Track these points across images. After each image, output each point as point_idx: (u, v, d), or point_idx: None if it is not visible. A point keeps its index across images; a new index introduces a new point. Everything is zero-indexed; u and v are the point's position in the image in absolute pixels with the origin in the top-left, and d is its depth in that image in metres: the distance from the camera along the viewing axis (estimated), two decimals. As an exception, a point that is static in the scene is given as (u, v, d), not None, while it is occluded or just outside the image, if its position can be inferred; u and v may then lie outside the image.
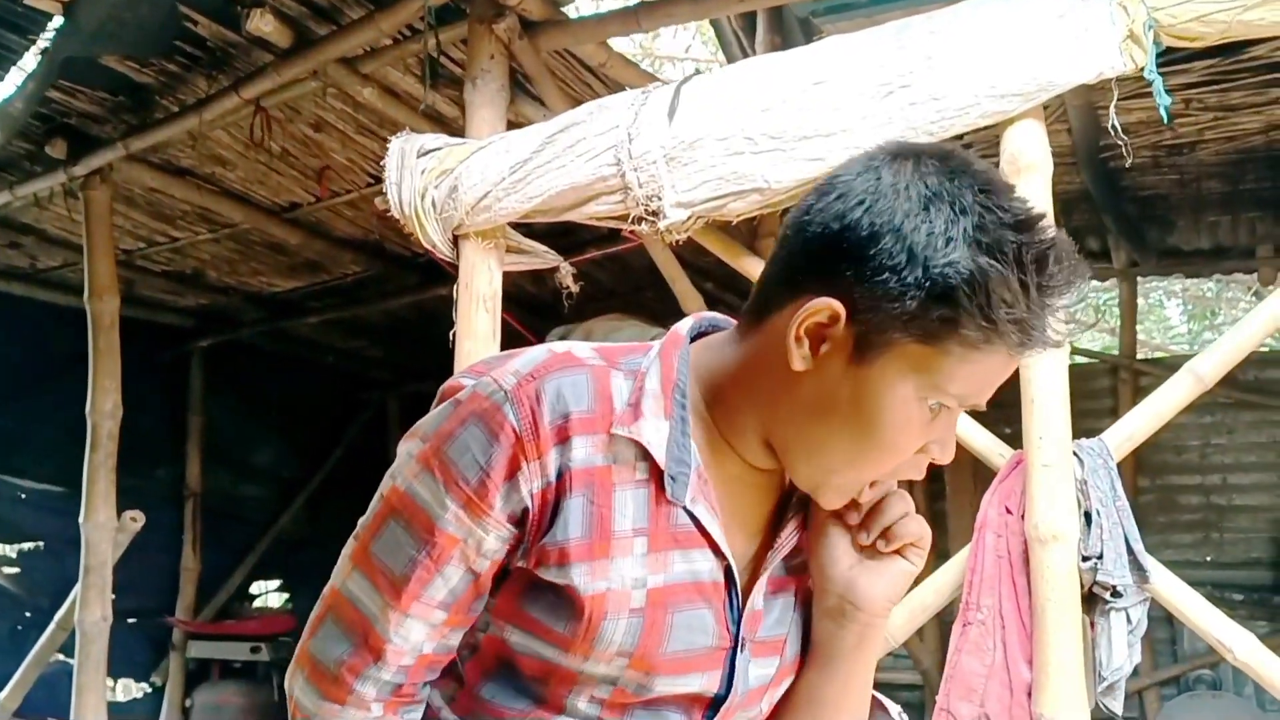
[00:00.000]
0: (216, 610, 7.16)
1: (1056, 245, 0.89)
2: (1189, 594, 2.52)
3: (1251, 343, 2.60)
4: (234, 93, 3.87)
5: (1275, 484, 6.31)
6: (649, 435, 0.97)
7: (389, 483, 1.00)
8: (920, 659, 6.04)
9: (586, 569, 0.95)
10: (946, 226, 0.87)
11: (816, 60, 2.67)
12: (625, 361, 1.02)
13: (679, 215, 2.77)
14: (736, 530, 1.03)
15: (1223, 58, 3.64)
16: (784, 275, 0.97)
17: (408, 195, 3.04)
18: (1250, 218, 5.53)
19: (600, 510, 0.96)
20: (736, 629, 1.03)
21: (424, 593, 0.97)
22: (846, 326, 0.91)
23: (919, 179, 0.90)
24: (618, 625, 0.96)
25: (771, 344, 0.96)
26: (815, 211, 0.94)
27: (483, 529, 0.95)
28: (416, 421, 1.03)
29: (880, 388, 0.91)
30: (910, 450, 0.96)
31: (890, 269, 0.88)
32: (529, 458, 0.94)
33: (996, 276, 0.86)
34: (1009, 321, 0.87)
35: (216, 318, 6.94)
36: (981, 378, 0.92)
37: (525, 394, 0.95)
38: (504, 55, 3.25)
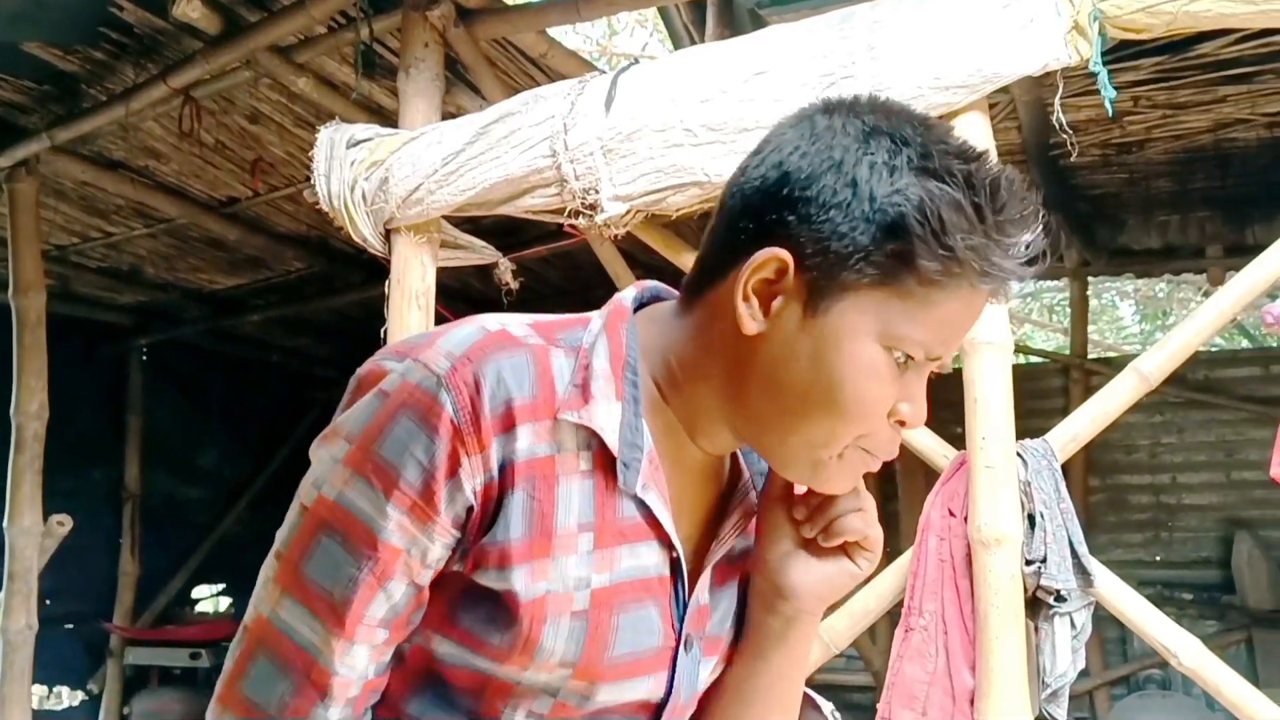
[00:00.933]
0: (156, 615, 6.98)
1: (1006, 174, 0.84)
2: (1135, 598, 2.47)
3: (1196, 341, 2.55)
4: (162, 81, 3.73)
5: (1224, 483, 6.35)
6: (601, 420, 0.88)
7: (313, 492, 0.88)
8: (871, 660, 6.01)
9: (527, 570, 0.86)
10: (889, 157, 0.83)
11: (757, 50, 2.60)
12: (564, 337, 0.92)
13: (617, 208, 2.69)
14: (684, 519, 0.96)
15: (1170, 55, 3.62)
16: (725, 239, 0.90)
17: (337, 187, 2.93)
18: (1199, 217, 5.54)
19: (542, 505, 0.86)
20: (681, 625, 0.95)
21: (367, 613, 0.86)
22: (797, 277, 0.85)
23: (855, 118, 0.86)
24: (559, 631, 0.88)
25: (719, 313, 0.89)
26: (751, 169, 0.89)
27: (428, 536, 0.85)
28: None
29: (841, 338, 0.84)
30: (879, 408, 0.87)
31: (835, 205, 0.83)
32: (470, 451, 0.83)
33: (948, 200, 0.81)
34: (967, 248, 0.81)
35: (156, 315, 6.77)
36: (944, 322, 0.85)
37: (462, 379, 0.84)
38: (439, 43, 3.15)
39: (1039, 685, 2.37)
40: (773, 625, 1.01)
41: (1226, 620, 5.89)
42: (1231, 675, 2.42)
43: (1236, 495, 6.28)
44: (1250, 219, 5.40)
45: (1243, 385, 6.33)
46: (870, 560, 0.98)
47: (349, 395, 0.91)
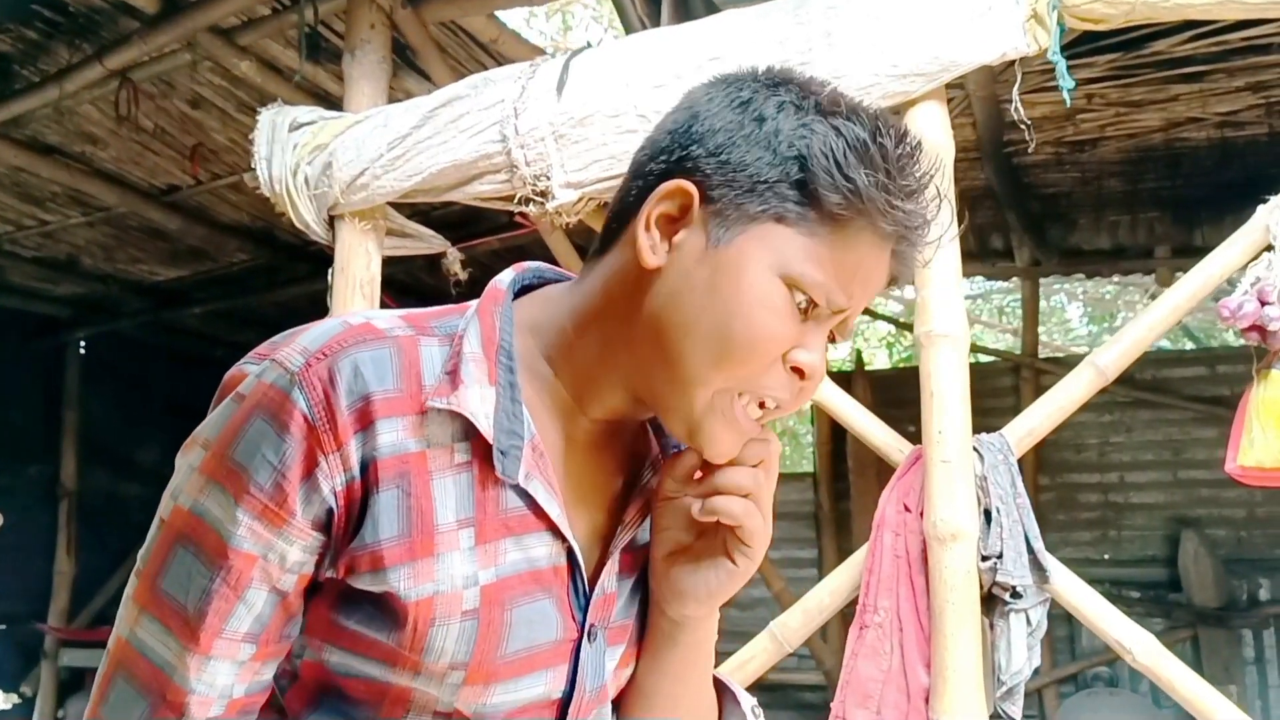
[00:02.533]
0: (93, 616, 6.77)
1: (907, 132, 0.84)
2: (1089, 594, 2.45)
3: (1151, 336, 2.54)
4: (98, 62, 3.61)
5: (1171, 482, 6.41)
6: (472, 405, 0.83)
7: (170, 504, 0.84)
8: (823, 659, 5.99)
9: (407, 571, 0.81)
10: (798, 98, 0.83)
11: (712, 35, 2.55)
12: (439, 325, 0.87)
13: (568, 196, 2.63)
14: (581, 505, 0.91)
15: (1125, 52, 3.62)
16: (632, 187, 0.88)
17: (278, 172, 2.83)
18: (1149, 218, 5.58)
19: (419, 502, 0.82)
20: (584, 616, 0.90)
21: (225, 626, 0.81)
22: (701, 208, 0.83)
23: (764, 73, 0.87)
24: (448, 631, 0.83)
25: (621, 260, 0.87)
26: (663, 122, 0.89)
27: (284, 540, 0.80)
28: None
29: (740, 266, 0.82)
30: (772, 345, 0.83)
31: (742, 137, 0.82)
32: (326, 450, 0.79)
33: (852, 136, 0.80)
34: (871, 185, 0.80)
35: (95, 307, 6.59)
36: (848, 268, 0.83)
37: (315, 375, 0.80)
38: (385, 25, 3.07)
39: (994, 683, 2.34)
40: (662, 627, 0.97)
41: (1173, 618, 5.95)
42: (1184, 671, 2.41)
43: (1183, 494, 6.35)
44: (1199, 220, 5.45)
45: (1189, 385, 6.40)
46: (749, 557, 0.92)
47: (214, 401, 0.87)
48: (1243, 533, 6.21)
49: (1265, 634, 5.86)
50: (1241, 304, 2.36)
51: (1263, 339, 2.38)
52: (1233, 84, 3.91)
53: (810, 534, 6.88)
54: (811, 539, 6.86)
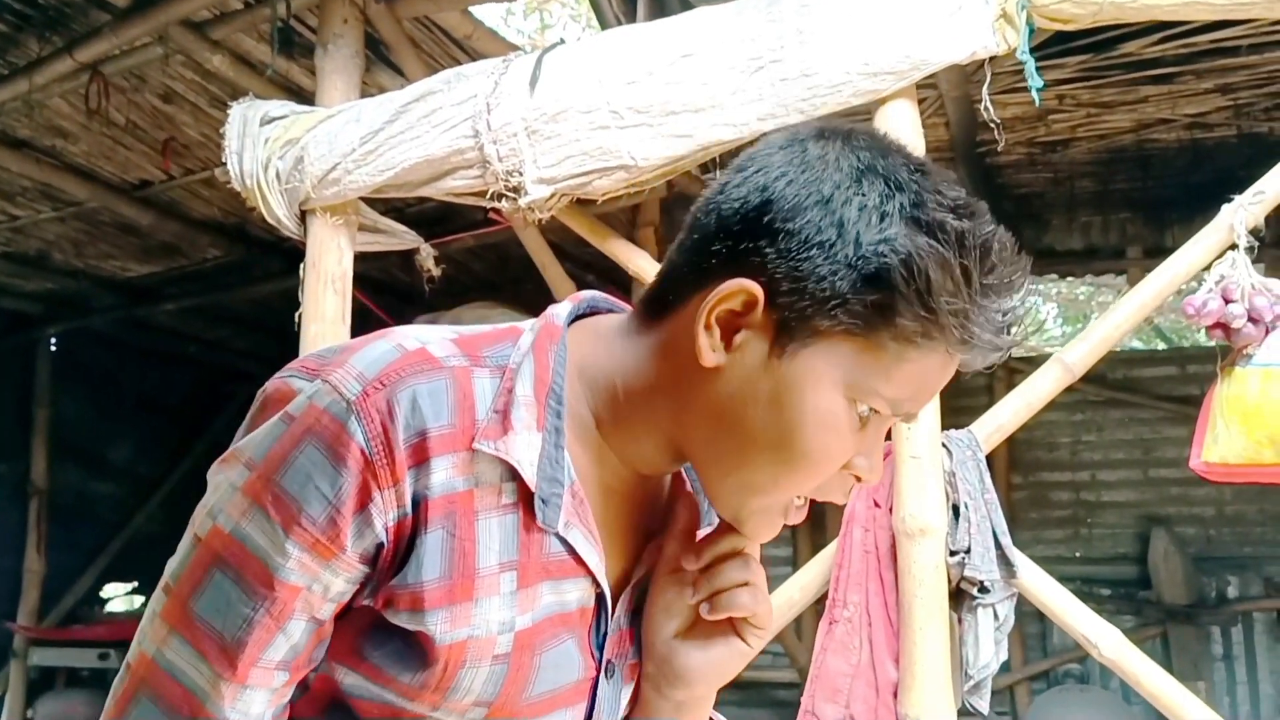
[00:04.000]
0: (63, 615, 6.72)
1: (999, 237, 0.78)
2: (1057, 590, 2.47)
3: (1117, 334, 2.56)
4: (68, 55, 3.58)
5: (1141, 480, 6.47)
6: (519, 453, 0.80)
7: (208, 523, 0.80)
8: (797, 657, 6.00)
9: (446, 615, 0.79)
10: (881, 200, 0.76)
11: (685, 32, 2.55)
12: (491, 355, 0.84)
13: (541, 192, 2.62)
14: (610, 546, 0.89)
15: (1095, 54, 3.65)
16: (693, 260, 0.82)
17: (249, 166, 2.82)
18: (1121, 218, 5.64)
19: (463, 544, 0.79)
20: (601, 654, 0.89)
21: (263, 656, 0.79)
22: (766, 313, 0.78)
23: (850, 152, 0.79)
24: (478, 674, 0.81)
25: (677, 339, 0.83)
26: (731, 188, 0.82)
27: (331, 572, 0.78)
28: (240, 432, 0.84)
29: (804, 384, 0.78)
30: (836, 463, 0.82)
31: (818, 244, 0.76)
32: (382, 485, 0.76)
33: (937, 258, 0.75)
34: (950, 313, 0.75)
35: (65, 303, 6.51)
36: (917, 380, 0.80)
37: (374, 406, 0.76)
38: (359, 20, 3.05)
39: (962, 677, 2.35)
40: (663, 708, 0.95)
41: (1143, 615, 6.00)
42: (1150, 666, 2.43)
43: (1153, 492, 6.41)
44: (1169, 221, 5.50)
45: (1160, 384, 6.46)
46: (760, 637, 0.92)
47: (253, 414, 0.83)
48: (1212, 531, 6.27)
49: (1233, 631, 5.92)
50: (1206, 301, 2.39)
51: (1227, 336, 2.41)
52: (1201, 86, 3.96)
53: (784, 531, 6.89)
54: (786, 537, 6.88)
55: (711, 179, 0.87)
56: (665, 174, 2.63)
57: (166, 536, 7.01)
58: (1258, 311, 2.35)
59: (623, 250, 3.04)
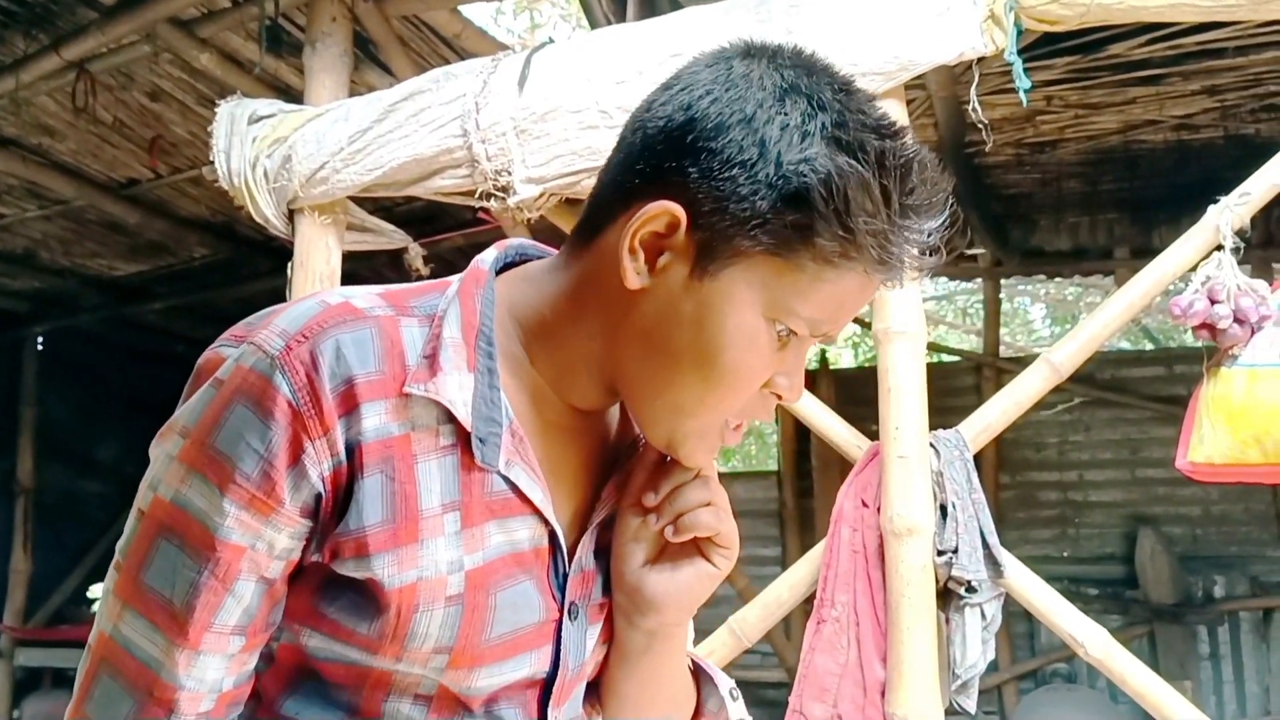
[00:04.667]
0: (50, 615, 6.69)
1: (920, 157, 0.78)
2: (1044, 589, 2.48)
3: (1105, 334, 2.57)
4: (55, 53, 3.56)
5: (1128, 480, 6.49)
6: (450, 393, 0.81)
7: (148, 495, 0.81)
8: (785, 657, 6.01)
9: (392, 558, 0.80)
10: (803, 120, 0.77)
11: (673, 32, 2.55)
12: (418, 304, 0.85)
13: (530, 191, 2.62)
14: (559, 485, 0.90)
15: (1083, 55, 3.66)
16: (618, 182, 0.83)
17: (237, 165, 2.81)
18: (1108, 219, 5.65)
19: (403, 487, 0.80)
20: (563, 595, 0.90)
21: (214, 620, 0.79)
22: (688, 234, 0.79)
23: (774, 70, 0.80)
24: (432, 618, 0.82)
25: (604, 263, 0.84)
26: (658, 106, 0.82)
27: (273, 528, 0.79)
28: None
29: (725, 304, 0.79)
30: (757, 381, 0.83)
31: (740, 163, 0.77)
32: (312, 435, 0.77)
33: (856, 179, 0.75)
34: (868, 233, 0.76)
35: (52, 302, 6.50)
36: (835, 301, 0.81)
37: (297, 359, 0.78)
38: (347, 18, 3.04)
39: (949, 676, 2.36)
40: (636, 639, 0.96)
41: (1130, 615, 6.02)
42: (1137, 665, 2.44)
43: (1140, 492, 6.43)
44: (1156, 222, 5.52)
45: (1147, 385, 6.49)
46: (727, 557, 0.93)
47: (188, 387, 0.84)
48: (1198, 530, 6.30)
49: (1220, 630, 5.95)
50: (1192, 302, 2.40)
51: (1213, 336, 2.42)
52: (1188, 87, 3.97)
53: (774, 532, 6.91)
54: (775, 536, 6.89)
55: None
56: (654, 174, 2.63)
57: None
58: (1243, 312, 2.36)
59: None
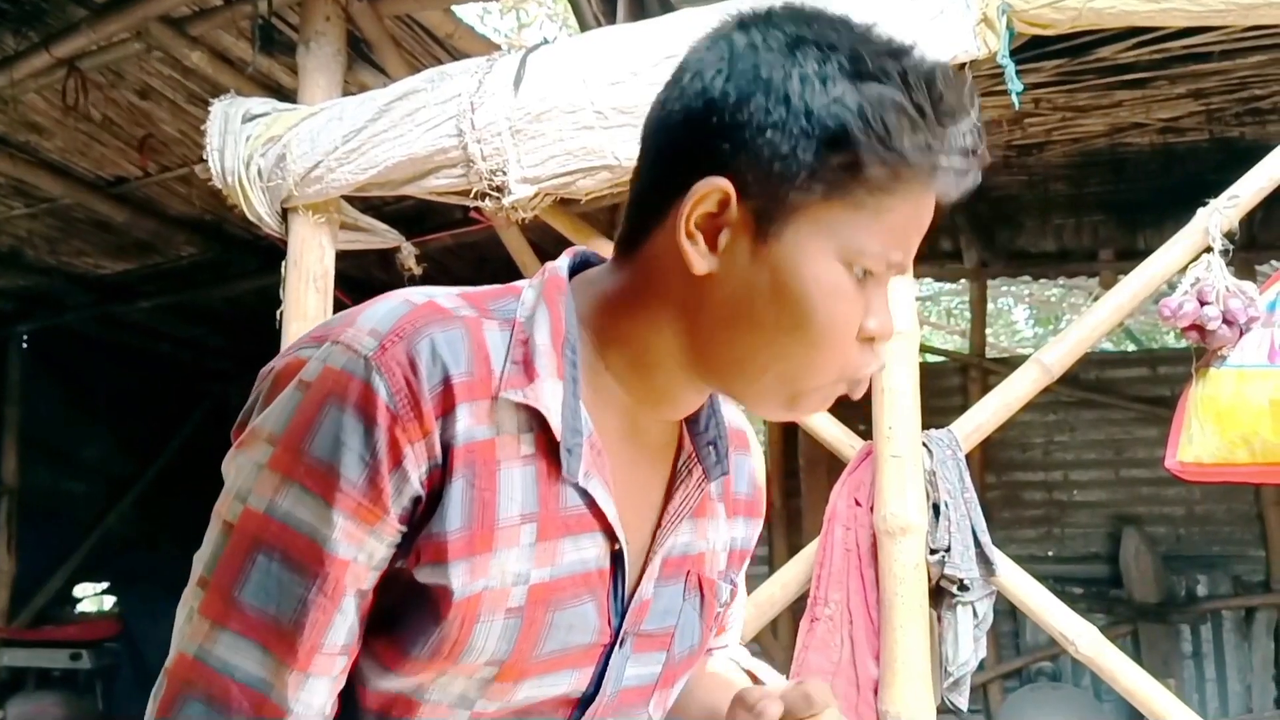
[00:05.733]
0: (34, 615, 6.63)
1: (939, 66, 0.78)
2: (1034, 588, 2.51)
3: (1095, 336, 2.60)
4: (45, 50, 3.54)
5: (1113, 480, 6.54)
6: (547, 400, 0.80)
7: (237, 507, 0.77)
8: (773, 655, 6.03)
9: (466, 567, 0.77)
10: (819, 66, 0.76)
11: (669, 33, 2.56)
12: (496, 308, 0.83)
13: (524, 191, 2.63)
14: (629, 503, 0.87)
15: (1071, 58, 3.69)
16: (655, 181, 0.83)
17: (230, 163, 2.81)
18: (1093, 221, 5.70)
19: (483, 494, 0.78)
20: (620, 621, 0.88)
21: (325, 640, 0.76)
22: (741, 206, 0.78)
23: (774, 29, 0.79)
24: (491, 629, 0.79)
25: (663, 262, 0.82)
26: (672, 100, 0.81)
27: (376, 537, 0.76)
28: (241, 421, 0.81)
29: (798, 262, 0.78)
30: (851, 329, 0.81)
31: (771, 125, 0.76)
32: (413, 439, 0.75)
33: (889, 101, 0.75)
34: (914, 149, 0.76)
35: (38, 301, 6.44)
36: (901, 228, 0.80)
37: (394, 359, 0.75)
38: (341, 18, 3.05)
39: (941, 674, 2.38)
40: None
41: (1114, 614, 6.06)
42: (1125, 663, 2.47)
43: (1125, 492, 6.48)
44: (1141, 224, 5.57)
45: (1132, 385, 6.53)
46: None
47: (264, 393, 0.80)
48: (1181, 530, 6.35)
49: (1202, 629, 6.00)
50: (1181, 304, 2.42)
51: (1202, 338, 2.45)
52: (1174, 91, 4.01)
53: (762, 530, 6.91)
54: (763, 536, 6.88)
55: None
56: (649, 174, 2.64)
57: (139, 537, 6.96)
58: (1232, 314, 2.39)
59: (604, 250, 3.04)
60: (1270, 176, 2.46)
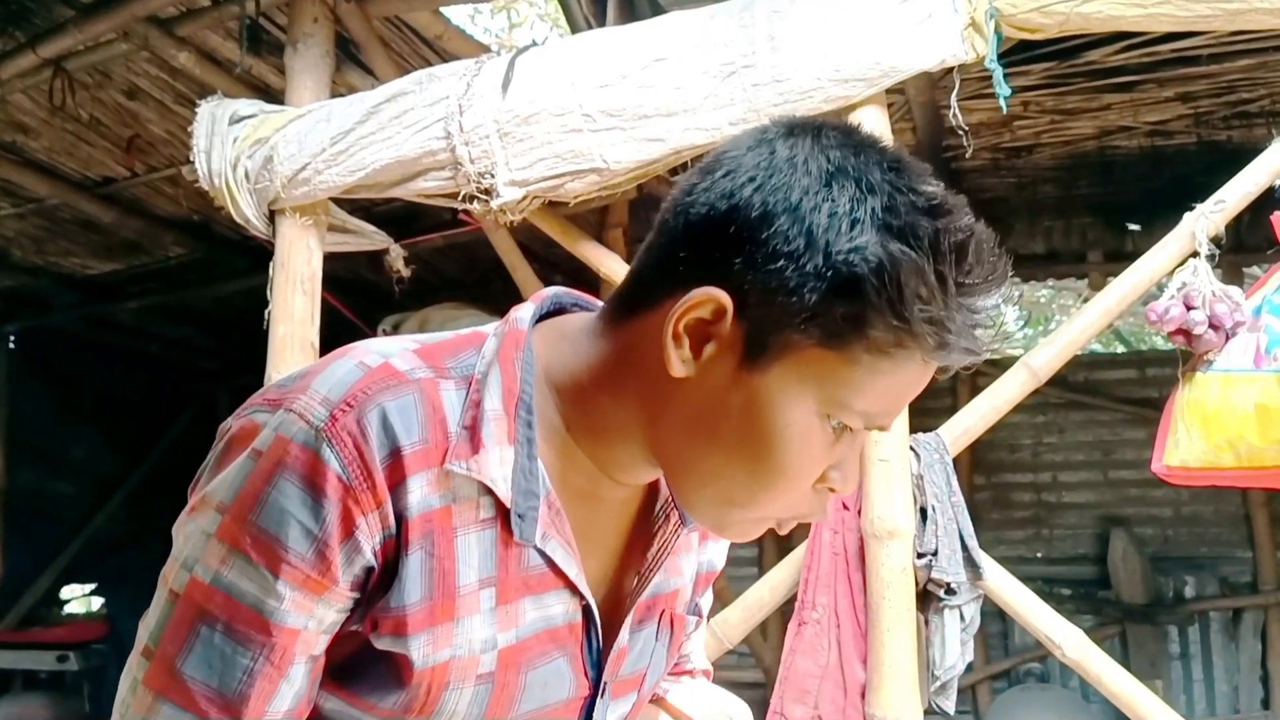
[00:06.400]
0: (21, 616, 6.61)
1: (976, 235, 0.74)
2: (1021, 591, 2.51)
3: (1083, 338, 2.61)
4: (31, 50, 3.52)
5: (1101, 482, 6.55)
6: (492, 470, 0.79)
7: (183, 576, 0.76)
8: (763, 657, 6.03)
9: (428, 638, 0.77)
10: (852, 206, 0.73)
11: (658, 37, 2.57)
12: (455, 365, 0.81)
13: (513, 194, 2.63)
14: (593, 555, 0.87)
15: (1060, 61, 3.70)
16: (661, 264, 0.80)
17: (218, 165, 2.80)
18: (1082, 223, 5.72)
19: (442, 563, 0.77)
20: (598, 673, 0.88)
21: (269, 707, 0.76)
22: (735, 324, 0.75)
23: (819, 153, 0.76)
24: (461, 695, 0.80)
25: (646, 345, 0.80)
26: (699, 191, 0.78)
27: (325, 605, 0.76)
28: (196, 480, 0.81)
29: (776, 398, 0.75)
30: (810, 477, 0.79)
31: (786, 255, 0.73)
32: (365, 510, 0.74)
33: (909, 265, 0.71)
34: (924, 321, 0.72)
35: (25, 301, 6.41)
36: (891, 392, 0.77)
37: (344, 429, 0.74)
38: (329, 19, 3.04)
39: (929, 677, 2.38)
40: None
41: (1102, 615, 6.08)
42: (1112, 666, 2.47)
43: (1113, 494, 6.49)
44: (1130, 226, 5.58)
45: (1120, 387, 6.55)
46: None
47: (218, 456, 0.79)
48: (1169, 531, 6.36)
49: (1190, 630, 6.01)
50: (1168, 308, 2.43)
51: (1188, 342, 2.45)
52: (1162, 94, 4.02)
53: (751, 532, 6.92)
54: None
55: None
56: (637, 177, 2.64)
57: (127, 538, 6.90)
58: (1218, 318, 2.40)
59: (592, 252, 3.04)
60: (1256, 182, 2.47)
